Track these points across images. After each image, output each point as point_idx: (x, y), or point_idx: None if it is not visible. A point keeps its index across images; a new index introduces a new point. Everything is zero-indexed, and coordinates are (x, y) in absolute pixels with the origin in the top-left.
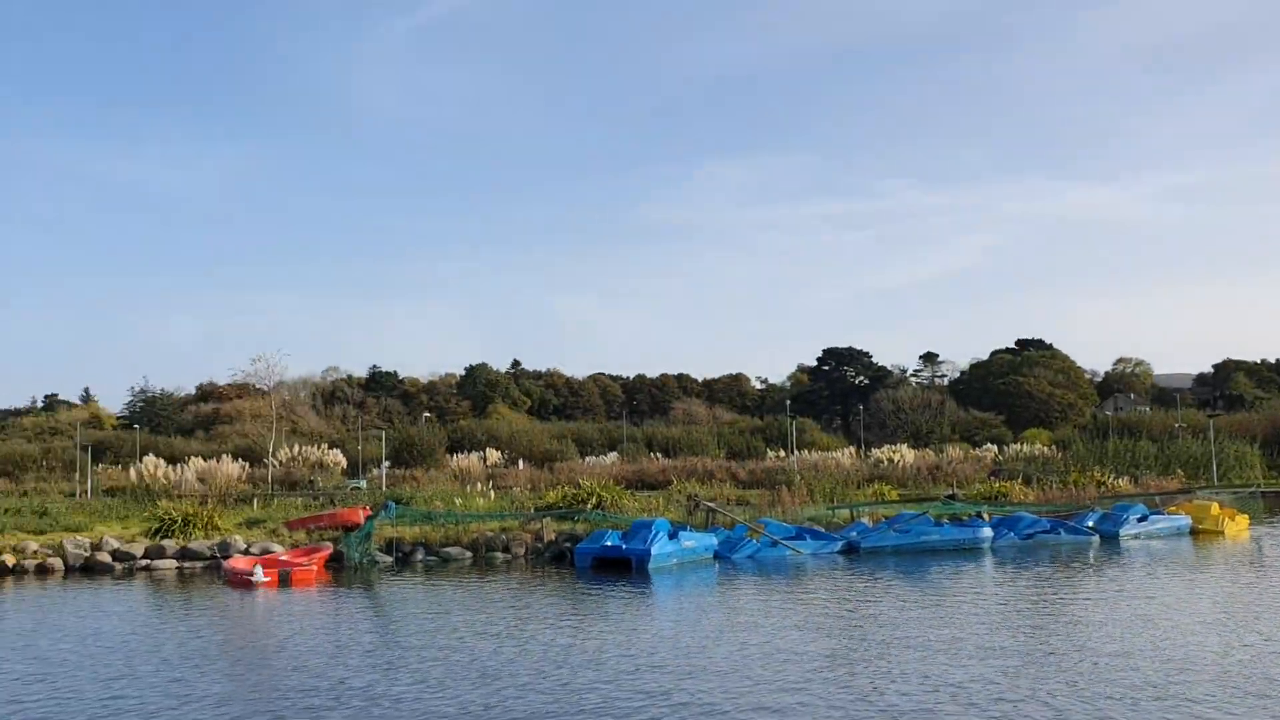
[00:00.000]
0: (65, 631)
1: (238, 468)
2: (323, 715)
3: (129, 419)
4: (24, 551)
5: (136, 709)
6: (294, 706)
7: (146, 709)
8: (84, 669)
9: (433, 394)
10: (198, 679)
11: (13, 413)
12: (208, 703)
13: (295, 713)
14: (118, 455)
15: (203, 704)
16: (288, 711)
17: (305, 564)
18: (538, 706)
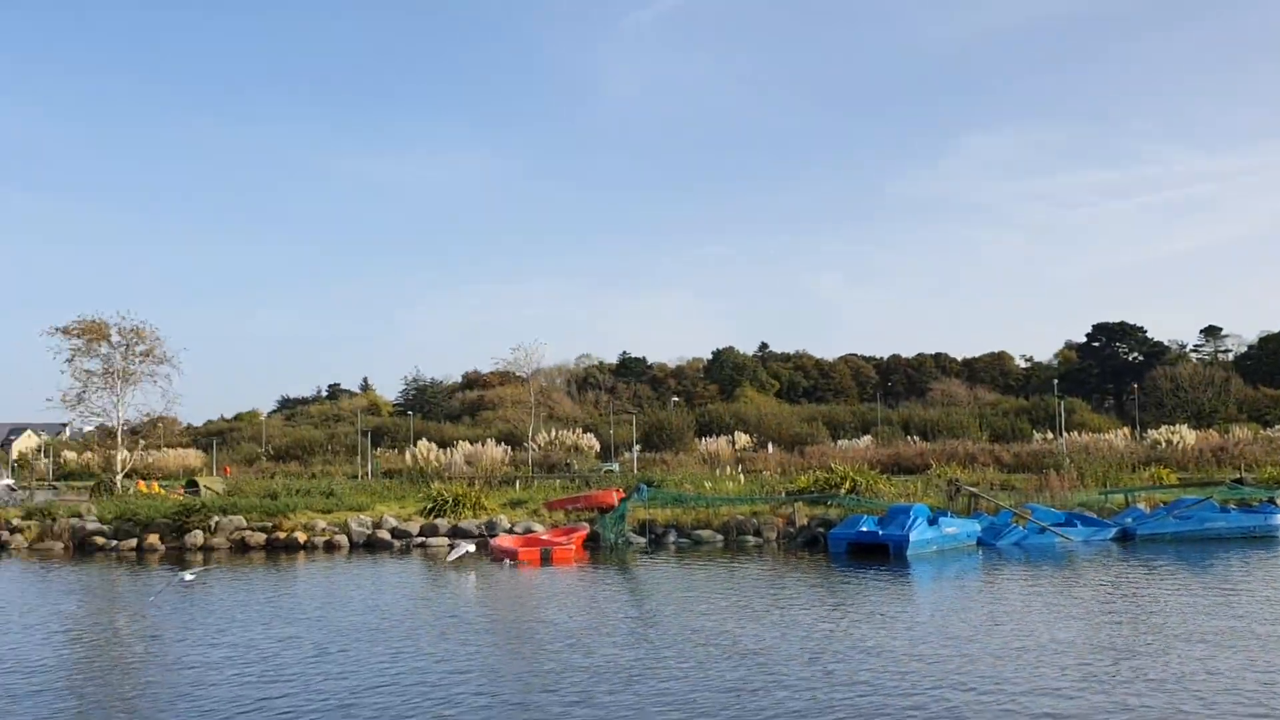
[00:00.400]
0: (353, 603)
1: (501, 451)
2: (591, 689)
3: (403, 406)
4: (314, 529)
5: (418, 679)
6: (564, 681)
7: (428, 679)
8: (371, 639)
9: (681, 378)
10: (472, 651)
11: (301, 401)
12: (482, 674)
13: (566, 686)
14: (394, 440)
15: (478, 675)
16: (560, 684)
17: (564, 543)
18: (804, 691)
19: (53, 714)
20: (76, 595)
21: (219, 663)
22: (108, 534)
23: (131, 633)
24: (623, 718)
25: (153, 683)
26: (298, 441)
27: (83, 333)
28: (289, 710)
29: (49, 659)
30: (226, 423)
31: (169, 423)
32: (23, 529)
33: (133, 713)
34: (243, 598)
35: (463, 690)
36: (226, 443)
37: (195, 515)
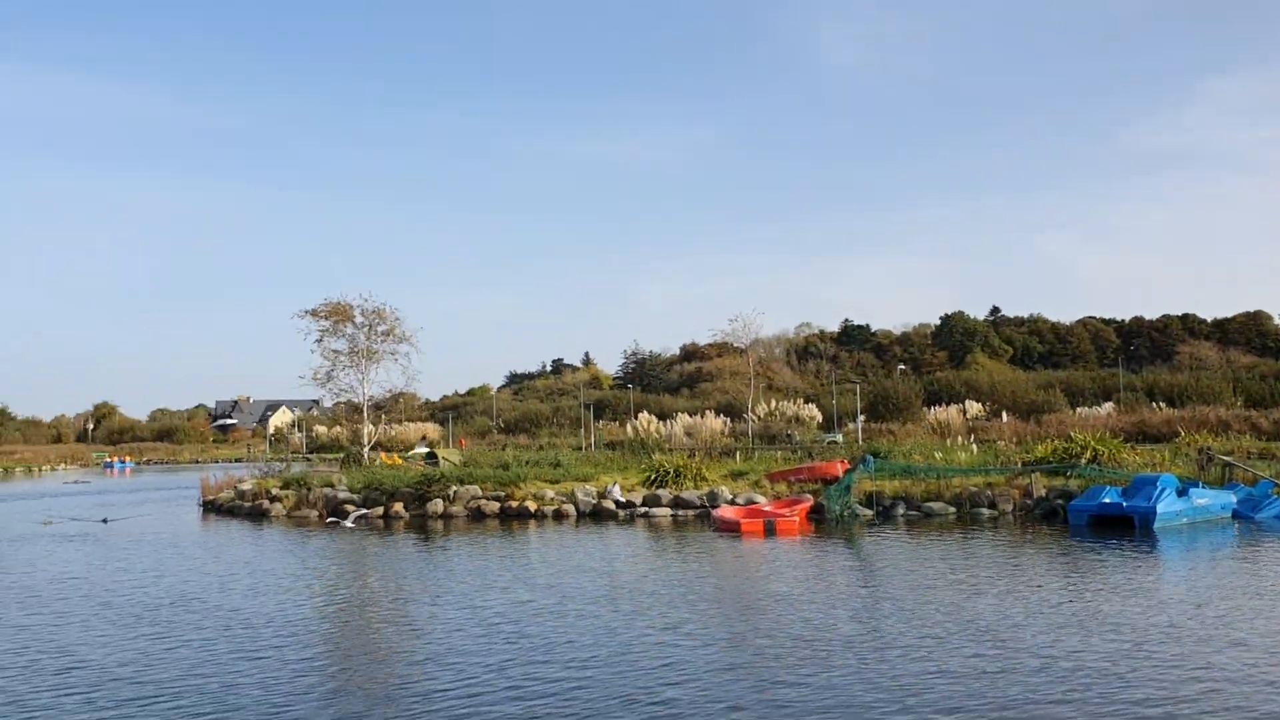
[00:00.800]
0: (585, 571)
1: (720, 423)
2: (830, 661)
3: (623, 379)
4: (543, 498)
5: (654, 647)
6: (795, 652)
7: (664, 647)
8: (605, 605)
9: (907, 345)
10: (704, 620)
11: (527, 376)
12: (716, 643)
13: (800, 658)
14: (614, 412)
15: (711, 644)
16: (791, 656)
17: (788, 515)
18: (1054, 669)
19: (318, 673)
20: (331, 559)
21: (464, 625)
22: (357, 502)
23: (381, 596)
24: (863, 692)
25: (405, 643)
26: (525, 415)
27: (330, 315)
28: (535, 672)
29: (311, 619)
30: (460, 397)
31: (409, 398)
32: (282, 498)
33: (390, 672)
34: (481, 564)
35: (698, 658)
36: (461, 416)
37: (435, 485)
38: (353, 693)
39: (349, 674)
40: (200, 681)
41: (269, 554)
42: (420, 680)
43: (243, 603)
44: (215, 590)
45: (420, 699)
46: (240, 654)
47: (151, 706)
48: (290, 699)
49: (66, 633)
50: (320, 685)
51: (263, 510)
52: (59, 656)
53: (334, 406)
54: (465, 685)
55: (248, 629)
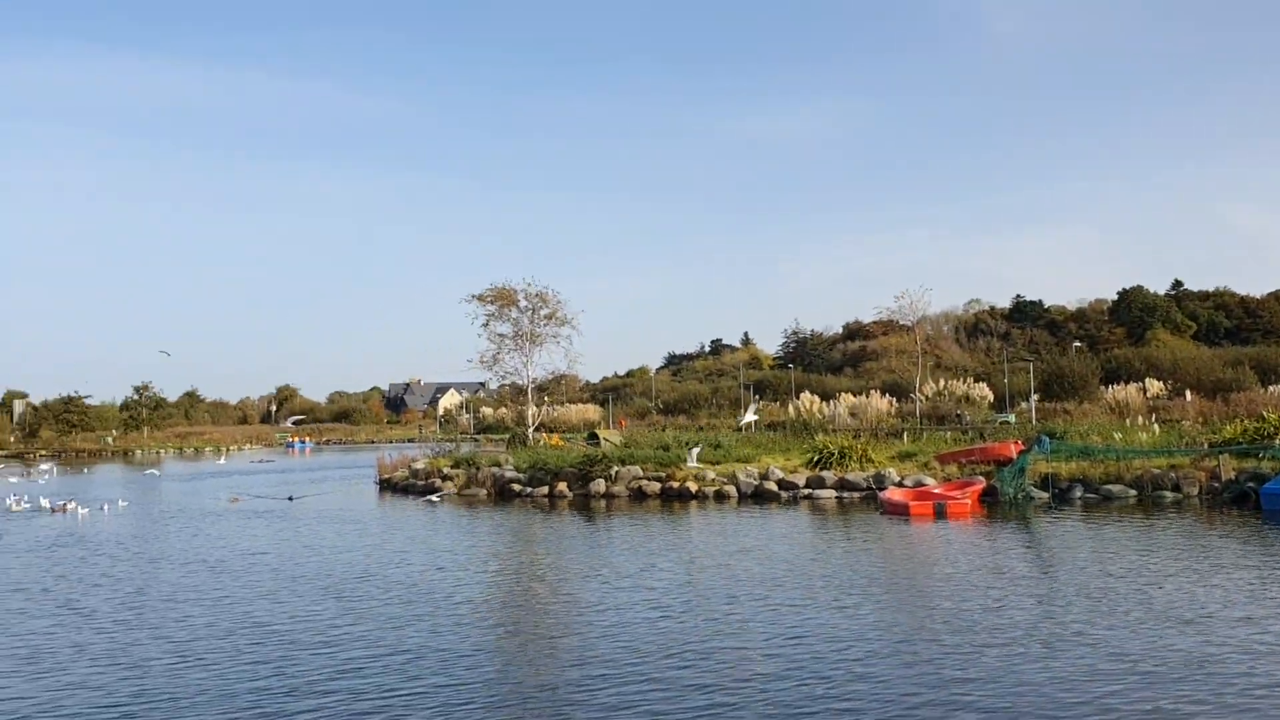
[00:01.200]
0: (752, 553)
1: (886, 403)
2: (1015, 653)
3: (783, 359)
4: (704, 479)
5: (823, 631)
6: (980, 644)
7: (836, 633)
8: (774, 588)
9: (1082, 322)
10: (878, 606)
11: (686, 357)
12: (895, 633)
13: (983, 650)
14: (775, 392)
15: (891, 634)
16: (976, 647)
17: (959, 498)
18: (1261, 667)
19: (495, 648)
20: (503, 537)
21: (636, 605)
22: (523, 481)
23: (551, 573)
24: (1056, 690)
25: (578, 621)
26: (684, 396)
27: (495, 300)
28: (709, 655)
29: (486, 595)
30: (619, 379)
31: (570, 380)
32: (452, 477)
33: (565, 650)
34: (646, 543)
35: (877, 647)
36: (620, 397)
37: (597, 465)
38: (530, 669)
39: (525, 650)
40: (383, 654)
41: (443, 531)
42: (597, 659)
43: (421, 578)
44: (394, 566)
45: (599, 679)
46: (421, 628)
47: (338, 680)
48: (469, 672)
49: (258, 605)
50: (498, 660)
51: (435, 489)
52: (253, 628)
53: (499, 389)
54: (641, 666)
55: (428, 603)
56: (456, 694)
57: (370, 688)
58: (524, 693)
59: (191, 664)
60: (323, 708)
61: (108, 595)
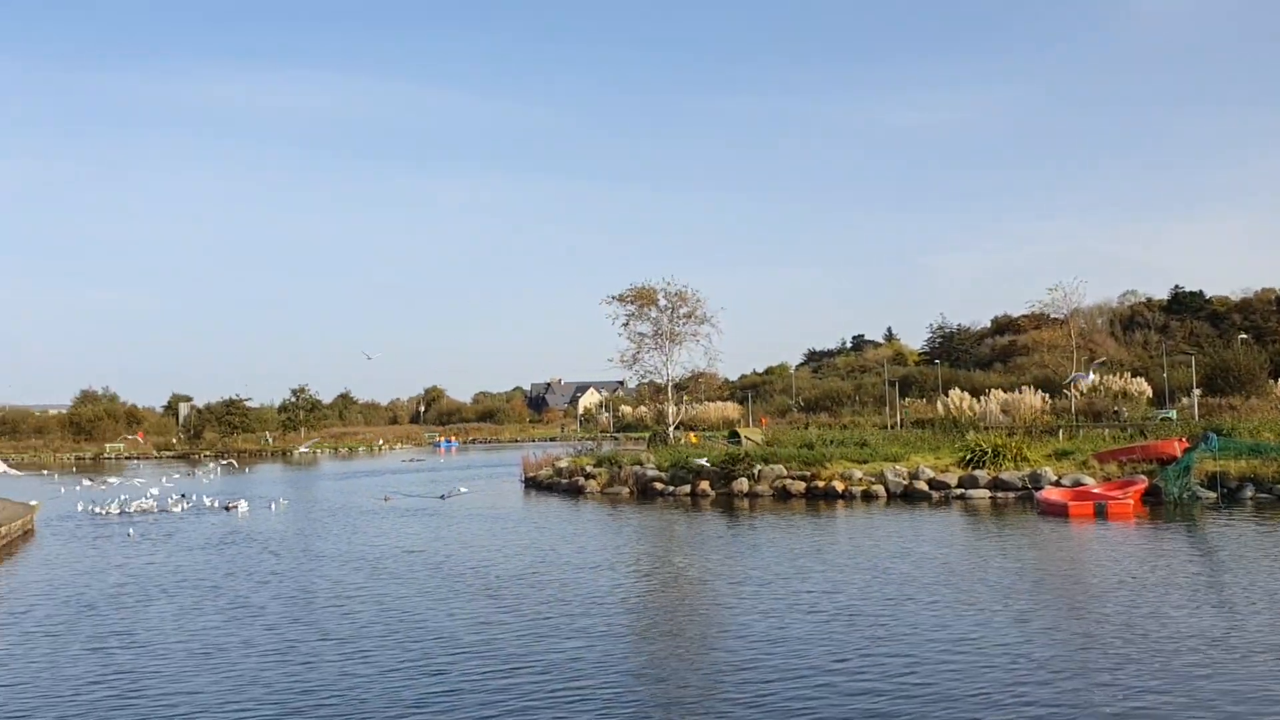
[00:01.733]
0: (911, 555)
1: (1039, 399)
2: (1194, 664)
3: (929, 354)
4: (851, 478)
5: (989, 637)
6: (1156, 653)
7: (1005, 641)
8: (935, 592)
9: (1247, 313)
10: (1043, 611)
11: (827, 354)
12: (1066, 640)
13: (1160, 659)
14: (921, 389)
15: (1061, 641)
16: (1151, 656)
17: (1120, 498)
18: None
19: (651, 649)
20: (649, 536)
21: (793, 608)
22: (665, 480)
23: (700, 573)
24: (1242, 710)
25: (732, 623)
26: (826, 393)
27: (635, 299)
28: (870, 660)
29: (635, 594)
30: (759, 376)
31: (709, 378)
32: (595, 475)
33: (726, 654)
34: (794, 544)
35: (1049, 655)
36: (760, 395)
37: (740, 464)
38: (693, 675)
39: (685, 655)
40: (541, 654)
41: (590, 529)
42: (761, 664)
43: (574, 577)
44: (546, 564)
45: (764, 684)
46: (578, 628)
47: (499, 680)
48: (630, 677)
49: (417, 603)
50: (658, 664)
51: (579, 487)
52: (414, 627)
53: (638, 387)
54: (804, 672)
55: (583, 603)
56: (619, 697)
57: (532, 688)
58: (688, 700)
59: (356, 662)
60: (487, 706)
61: (275, 592)
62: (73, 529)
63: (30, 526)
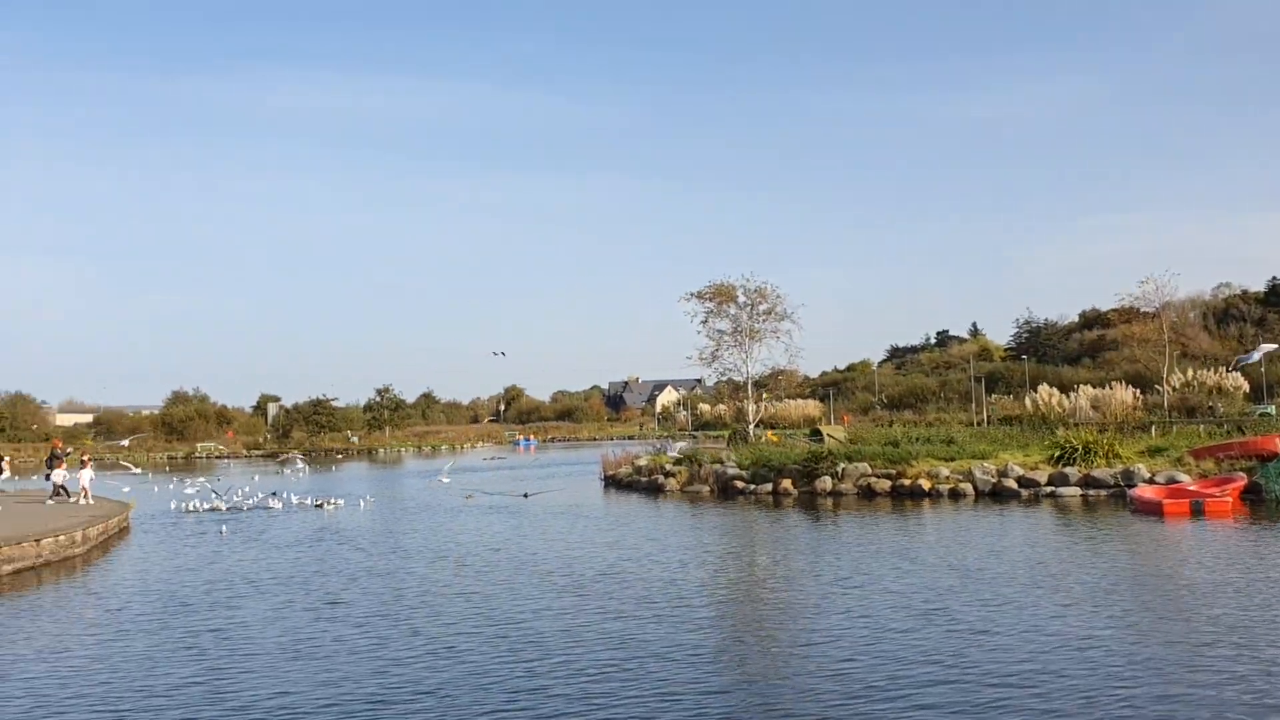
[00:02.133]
0: (1005, 554)
1: (1130, 395)
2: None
3: (1015, 350)
4: (937, 476)
5: (1090, 640)
6: (1269, 657)
7: (1105, 641)
8: (1029, 593)
9: None
10: (1148, 614)
11: (910, 350)
12: (1178, 644)
13: (1263, 658)
14: (1008, 385)
15: (1173, 645)
16: (1266, 662)
17: (1219, 495)
18: None
19: (746, 653)
20: (732, 534)
21: (885, 609)
22: (746, 478)
23: (786, 573)
24: None
25: (827, 626)
26: (910, 390)
27: (713, 296)
28: (966, 662)
29: (721, 593)
30: (840, 373)
31: (789, 375)
32: (675, 473)
33: (819, 656)
34: (881, 543)
35: (1158, 659)
36: (841, 392)
37: (823, 462)
38: (784, 677)
39: (775, 655)
40: (628, 652)
41: (672, 527)
42: (856, 668)
43: (660, 574)
44: (630, 562)
45: (861, 687)
46: (666, 627)
47: (587, 681)
48: (720, 678)
49: (504, 601)
50: (748, 665)
51: (658, 485)
52: (501, 624)
53: (716, 385)
54: (901, 676)
55: (669, 602)
56: (713, 701)
57: (621, 688)
58: (784, 703)
59: (445, 658)
60: (576, 703)
61: (364, 589)
62: (166, 526)
63: (126, 524)
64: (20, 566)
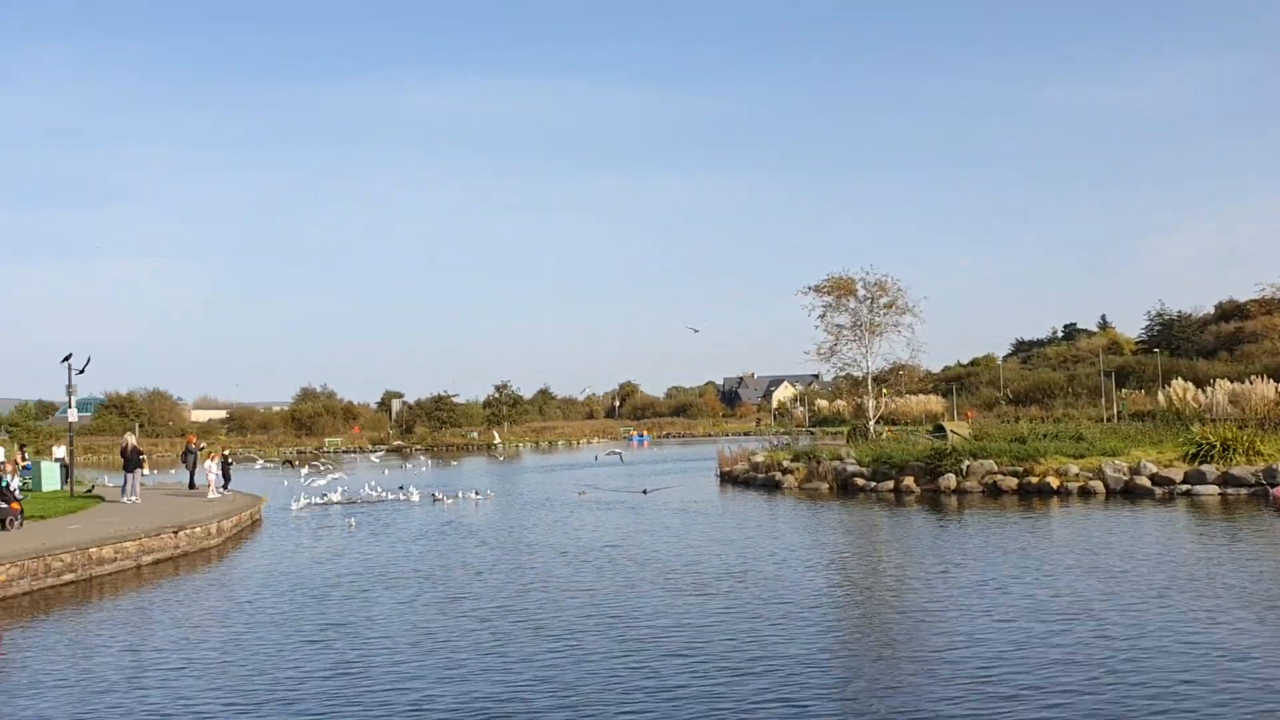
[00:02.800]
0: (1151, 556)
1: (1271, 389)
2: None
3: (1146, 343)
4: (1066, 474)
5: (1231, 648)
6: None
7: (1267, 651)
8: (1162, 594)
9: None
10: (1273, 615)
11: (1036, 344)
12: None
13: None
14: (1139, 379)
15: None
16: None
17: None
18: None
19: (881, 657)
20: (855, 533)
21: (1028, 610)
22: (866, 475)
23: (919, 573)
24: None
25: (962, 628)
26: (1036, 385)
27: (832, 290)
28: (1114, 672)
29: (845, 593)
30: (963, 368)
31: (910, 370)
32: (793, 470)
33: (959, 662)
34: (1011, 543)
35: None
36: (964, 387)
37: (946, 459)
38: (919, 680)
39: (909, 657)
40: (754, 653)
41: (795, 525)
42: (993, 672)
43: (785, 573)
44: (756, 560)
45: (1003, 698)
46: (792, 627)
47: (711, 679)
48: (841, 682)
49: (624, 598)
50: (885, 670)
51: (775, 482)
52: (625, 622)
53: (834, 380)
54: (1045, 685)
55: (796, 601)
56: (847, 708)
57: (748, 691)
58: (921, 713)
59: (567, 657)
60: (701, 701)
61: (488, 584)
62: (296, 519)
63: (258, 516)
64: (159, 557)
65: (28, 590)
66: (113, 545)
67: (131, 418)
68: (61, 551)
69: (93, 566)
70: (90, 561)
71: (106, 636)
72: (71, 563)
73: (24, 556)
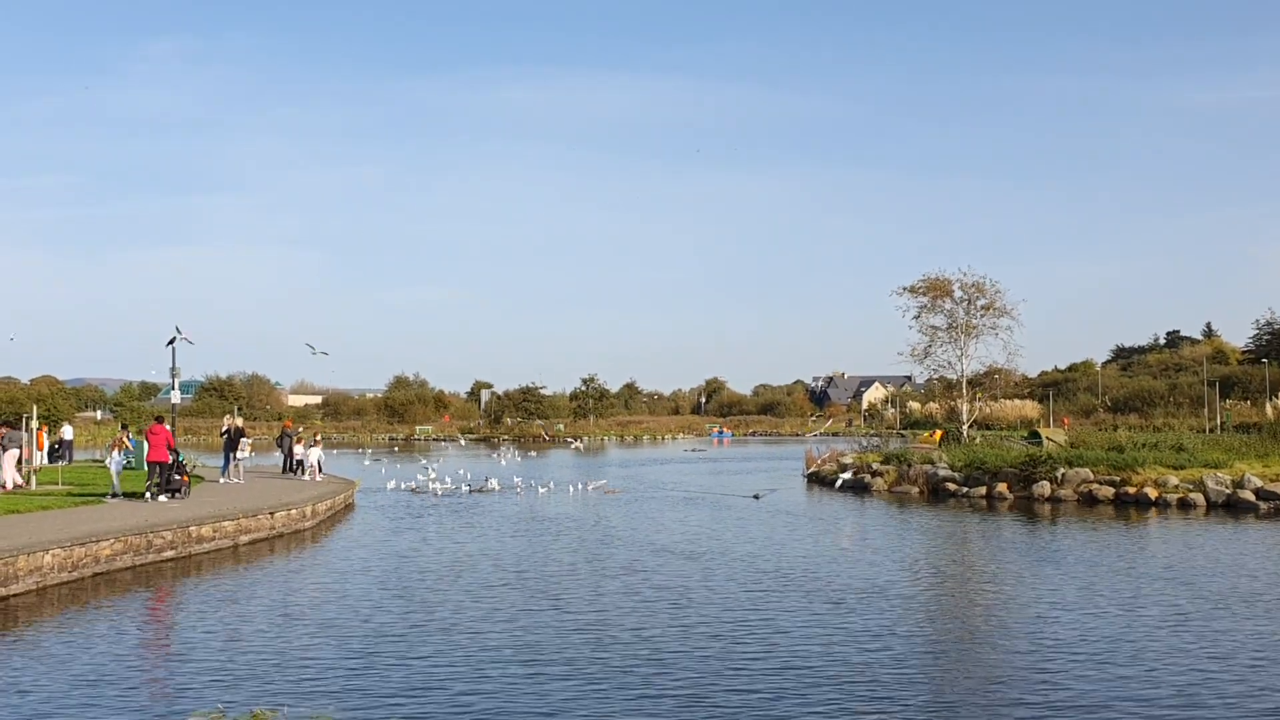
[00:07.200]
0: (1230, 566)
1: None
2: None
3: (1254, 353)
4: (1165, 485)
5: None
6: None
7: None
8: (1250, 607)
9: None
10: None
11: (1137, 350)
12: None
13: None
14: (1245, 390)
15: None
16: None
17: None
18: None
19: (993, 674)
20: (944, 539)
21: (1134, 628)
22: (958, 480)
23: (1017, 584)
24: None
25: (1066, 650)
26: (1136, 393)
27: (927, 291)
28: (1227, 695)
29: (936, 602)
30: (1060, 373)
31: (1005, 374)
32: (883, 473)
33: (1062, 681)
34: (1106, 554)
35: None
36: (1061, 393)
37: (1041, 466)
38: (1016, 699)
39: (1010, 675)
40: (849, 664)
41: (882, 529)
42: (1095, 691)
43: (873, 574)
44: (843, 563)
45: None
46: (885, 638)
47: (840, 698)
48: (938, 692)
49: (714, 598)
50: (972, 681)
51: (865, 484)
52: (714, 622)
53: (927, 383)
54: (1143, 710)
55: (889, 607)
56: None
57: (814, 707)
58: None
59: (648, 657)
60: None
61: (579, 580)
62: (387, 505)
63: (351, 501)
64: (256, 538)
65: (130, 565)
66: (211, 525)
67: (230, 400)
68: (164, 529)
69: (192, 544)
70: (190, 540)
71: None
72: (173, 540)
73: (128, 532)
